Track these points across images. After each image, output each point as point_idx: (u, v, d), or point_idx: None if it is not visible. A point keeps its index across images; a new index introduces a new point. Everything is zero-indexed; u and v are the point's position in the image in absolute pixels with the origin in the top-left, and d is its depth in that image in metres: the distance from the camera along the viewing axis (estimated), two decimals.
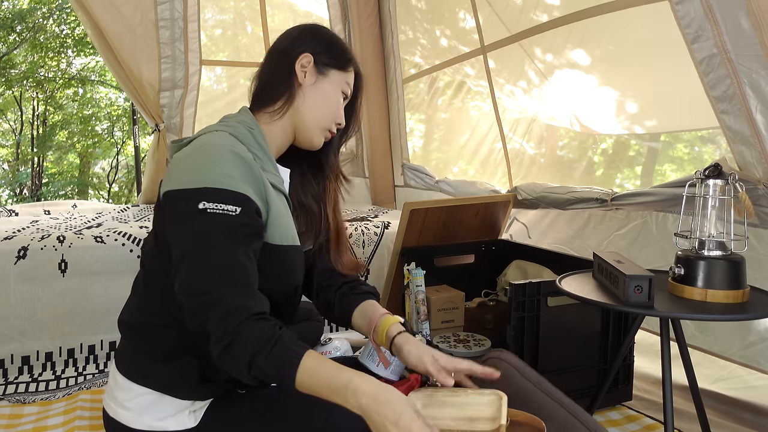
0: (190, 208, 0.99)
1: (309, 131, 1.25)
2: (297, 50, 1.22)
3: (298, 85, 1.22)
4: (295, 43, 1.24)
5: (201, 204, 0.99)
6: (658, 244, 1.89)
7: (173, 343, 1.14)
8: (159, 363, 1.15)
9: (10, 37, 8.70)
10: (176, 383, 1.14)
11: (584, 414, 1.19)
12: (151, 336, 1.16)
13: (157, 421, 1.14)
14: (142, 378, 1.14)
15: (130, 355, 1.18)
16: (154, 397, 1.14)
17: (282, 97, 1.22)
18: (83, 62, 9.52)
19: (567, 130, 2.66)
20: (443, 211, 2.14)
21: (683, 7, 1.55)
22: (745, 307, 1.17)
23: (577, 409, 1.20)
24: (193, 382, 1.15)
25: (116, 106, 9.79)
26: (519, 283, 1.54)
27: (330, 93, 1.25)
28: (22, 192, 9.84)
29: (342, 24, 3.49)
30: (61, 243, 1.91)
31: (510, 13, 2.48)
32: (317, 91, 1.24)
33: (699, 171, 1.28)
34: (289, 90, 1.22)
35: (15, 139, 9.91)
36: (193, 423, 1.15)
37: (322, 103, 1.25)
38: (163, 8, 3.07)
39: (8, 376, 1.83)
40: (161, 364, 1.15)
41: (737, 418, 1.62)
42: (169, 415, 1.14)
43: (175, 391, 1.14)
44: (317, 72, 1.23)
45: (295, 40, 1.25)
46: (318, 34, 1.27)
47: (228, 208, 1.00)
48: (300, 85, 1.22)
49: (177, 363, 1.14)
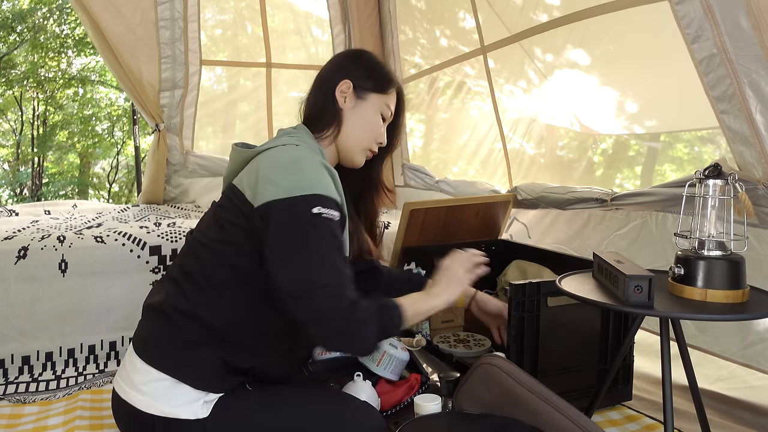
0: (305, 213, 1.11)
1: (351, 151, 1.37)
2: (337, 77, 1.35)
3: (340, 110, 1.35)
4: (336, 71, 1.37)
5: (316, 209, 1.11)
6: (658, 244, 1.89)
7: (202, 334, 1.18)
8: (182, 350, 1.18)
9: (10, 37, 8.70)
10: (196, 372, 1.18)
11: (581, 417, 1.19)
12: (183, 324, 1.19)
13: (170, 407, 1.16)
14: (163, 364, 1.17)
15: (153, 340, 1.22)
16: (170, 384, 1.16)
17: (330, 124, 1.35)
18: (83, 62, 9.52)
19: (567, 130, 2.66)
20: (443, 211, 2.14)
21: (683, 7, 1.55)
22: (745, 307, 1.17)
23: (574, 412, 1.20)
24: (213, 373, 1.18)
25: (116, 106, 9.79)
26: (519, 283, 1.53)
27: (369, 115, 1.37)
28: (23, 192, 9.84)
29: (342, 24, 3.49)
30: (62, 243, 1.91)
31: (510, 13, 2.48)
32: (357, 114, 1.36)
33: (699, 171, 1.27)
34: (335, 117, 1.35)
35: (15, 139, 9.91)
36: (206, 413, 1.17)
37: (362, 126, 1.36)
38: (163, 8, 3.06)
39: (8, 376, 1.83)
40: (184, 351, 1.18)
41: (737, 418, 1.62)
42: (183, 403, 1.16)
43: (193, 381, 1.17)
44: (356, 96, 1.35)
45: (337, 67, 1.38)
46: (358, 60, 1.39)
47: (334, 213, 1.15)
48: (341, 110, 1.34)
49: (200, 353, 1.18)
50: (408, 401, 1.53)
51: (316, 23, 3.64)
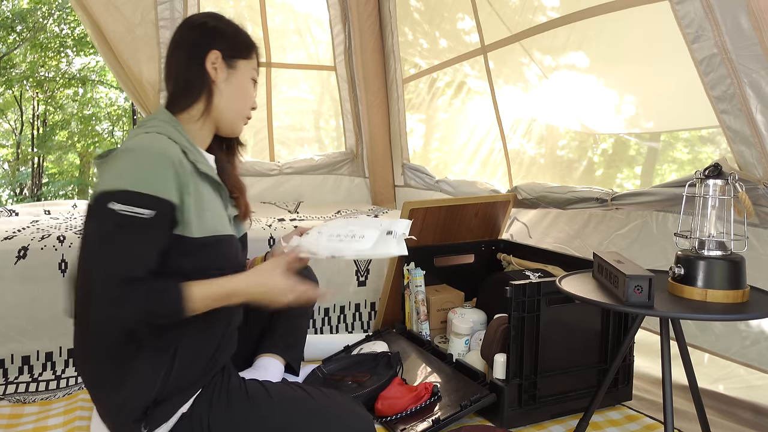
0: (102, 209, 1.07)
1: (232, 123, 1.32)
2: (203, 50, 1.26)
3: (212, 83, 1.26)
4: (199, 43, 1.27)
5: (112, 205, 1.06)
6: (659, 244, 1.89)
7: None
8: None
9: (10, 37, 8.71)
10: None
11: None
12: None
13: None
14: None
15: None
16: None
17: (199, 98, 1.26)
18: (83, 62, 9.52)
19: (567, 130, 2.66)
20: (443, 210, 2.13)
21: (683, 6, 1.55)
22: (745, 307, 1.17)
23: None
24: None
25: (116, 106, 9.80)
26: (519, 283, 1.54)
27: (244, 84, 1.31)
28: (22, 192, 9.84)
29: (342, 24, 3.49)
30: (62, 243, 1.91)
31: (510, 13, 2.48)
32: (232, 85, 1.29)
33: (699, 171, 1.27)
34: (206, 91, 1.26)
35: (15, 139, 9.91)
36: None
37: (239, 95, 1.31)
38: (163, 8, 3.06)
39: (8, 376, 1.83)
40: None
41: (737, 417, 1.62)
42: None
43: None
44: (227, 66, 1.28)
45: (198, 39, 1.27)
46: (218, 29, 1.30)
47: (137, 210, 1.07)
48: (213, 83, 1.26)
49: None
50: (412, 410, 1.53)
51: (316, 23, 3.64)
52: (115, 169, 1.11)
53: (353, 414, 1.28)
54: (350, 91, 3.57)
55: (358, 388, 1.63)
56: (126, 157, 1.12)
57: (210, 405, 1.21)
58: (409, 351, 1.90)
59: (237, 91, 1.30)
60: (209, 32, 1.28)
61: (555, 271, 1.90)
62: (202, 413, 1.20)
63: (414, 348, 1.91)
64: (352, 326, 2.35)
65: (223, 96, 1.28)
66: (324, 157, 3.58)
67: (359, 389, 1.62)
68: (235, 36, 1.31)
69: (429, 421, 1.48)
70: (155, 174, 1.10)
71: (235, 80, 1.29)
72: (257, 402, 1.24)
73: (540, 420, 1.60)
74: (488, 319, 1.90)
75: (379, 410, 1.55)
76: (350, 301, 2.29)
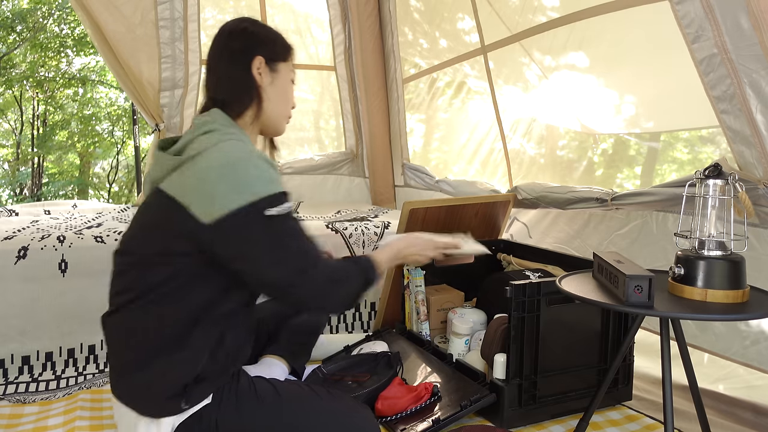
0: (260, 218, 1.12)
1: (276, 124, 1.39)
2: (248, 56, 1.31)
3: (259, 88, 1.31)
4: (245, 49, 1.31)
5: (268, 212, 1.12)
6: (659, 244, 1.89)
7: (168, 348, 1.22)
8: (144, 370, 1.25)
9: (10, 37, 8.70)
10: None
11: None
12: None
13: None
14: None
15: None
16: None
17: (250, 104, 1.31)
18: (83, 62, 9.52)
19: (567, 130, 2.66)
20: (443, 210, 2.13)
21: (683, 7, 1.55)
22: (745, 307, 1.17)
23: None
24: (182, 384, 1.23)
25: (116, 106, 9.79)
26: (519, 283, 1.54)
27: (285, 86, 1.37)
28: (22, 192, 9.84)
29: (342, 24, 3.49)
30: (62, 243, 1.91)
31: (510, 13, 2.48)
32: (275, 88, 1.34)
33: (699, 171, 1.27)
34: (256, 96, 1.32)
35: (15, 139, 9.91)
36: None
37: (282, 97, 1.37)
38: (163, 8, 3.06)
39: (8, 376, 1.83)
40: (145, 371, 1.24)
41: (737, 417, 1.62)
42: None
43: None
44: (270, 70, 1.33)
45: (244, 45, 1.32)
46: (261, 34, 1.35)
47: (285, 206, 1.16)
48: (260, 87, 1.31)
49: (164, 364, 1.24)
50: (412, 410, 1.53)
51: (316, 23, 3.64)
52: (238, 181, 1.12)
53: (359, 414, 1.30)
54: (350, 91, 3.57)
55: (358, 388, 1.64)
56: (241, 167, 1.14)
57: (219, 403, 1.22)
58: (409, 351, 1.90)
59: (280, 94, 1.36)
60: (252, 38, 1.33)
61: (555, 271, 1.90)
62: (211, 411, 1.21)
63: (414, 348, 1.91)
64: (352, 326, 2.35)
65: (269, 99, 1.33)
66: (324, 157, 3.58)
67: (359, 389, 1.62)
68: (274, 40, 1.36)
69: (429, 421, 1.48)
70: (273, 174, 1.16)
71: (278, 83, 1.35)
72: (266, 401, 1.25)
73: (540, 420, 1.60)
74: (488, 319, 1.89)
75: (379, 410, 1.55)
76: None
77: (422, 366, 1.80)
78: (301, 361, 1.72)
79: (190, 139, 1.20)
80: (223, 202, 1.11)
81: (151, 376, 1.18)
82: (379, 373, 1.71)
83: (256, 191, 1.12)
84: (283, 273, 1.16)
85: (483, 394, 1.54)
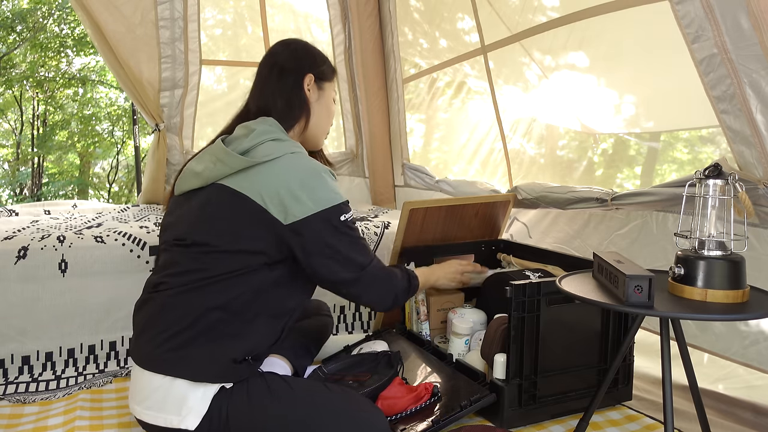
0: (337, 222, 1.31)
1: (318, 138, 1.51)
2: (301, 72, 1.44)
3: (308, 103, 1.44)
4: (298, 66, 1.44)
5: (342, 216, 1.31)
6: (659, 244, 1.89)
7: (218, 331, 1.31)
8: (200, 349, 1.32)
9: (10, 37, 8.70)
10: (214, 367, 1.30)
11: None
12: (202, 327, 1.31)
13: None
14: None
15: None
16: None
17: (300, 118, 1.44)
18: (83, 62, 9.52)
19: (567, 130, 2.66)
20: (443, 210, 2.13)
21: (683, 6, 1.55)
22: (745, 307, 1.17)
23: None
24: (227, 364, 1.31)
25: (116, 106, 9.79)
26: (519, 283, 1.54)
27: (329, 104, 1.54)
28: (22, 192, 9.84)
29: (342, 24, 3.49)
30: (61, 243, 1.91)
31: (510, 13, 2.48)
32: (321, 105, 1.48)
33: (699, 171, 1.27)
34: (305, 111, 1.45)
35: (15, 139, 9.91)
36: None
37: (325, 114, 1.51)
38: (163, 8, 3.06)
39: (8, 376, 1.83)
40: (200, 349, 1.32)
41: (737, 417, 1.62)
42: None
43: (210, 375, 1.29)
44: (318, 88, 1.47)
45: (298, 62, 1.45)
46: (313, 53, 1.49)
47: (351, 212, 1.36)
48: (309, 103, 1.45)
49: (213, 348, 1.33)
50: (412, 411, 1.53)
51: (316, 23, 3.64)
52: (316, 189, 1.28)
53: (370, 410, 1.35)
54: (350, 91, 3.57)
55: (358, 387, 1.63)
56: (317, 177, 1.30)
57: (230, 395, 1.25)
58: (409, 351, 1.90)
59: (325, 110, 1.50)
60: (305, 57, 1.46)
61: (555, 271, 1.90)
62: (222, 403, 1.23)
63: (414, 348, 1.91)
64: (352, 326, 2.35)
65: (315, 115, 1.46)
66: None
67: (360, 389, 1.62)
68: (323, 61, 1.50)
69: (429, 421, 1.48)
70: (337, 185, 1.34)
71: (323, 100, 1.48)
72: (278, 394, 1.28)
73: (540, 420, 1.61)
74: (488, 319, 1.89)
75: None
76: (350, 301, 2.28)
77: (422, 366, 1.80)
78: (303, 362, 1.73)
79: (258, 143, 1.30)
80: (303, 207, 1.25)
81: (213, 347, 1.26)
82: (380, 372, 1.71)
83: (331, 199, 1.28)
84: (351, 270, 1.33)
85: (483, 394, 1.54)
